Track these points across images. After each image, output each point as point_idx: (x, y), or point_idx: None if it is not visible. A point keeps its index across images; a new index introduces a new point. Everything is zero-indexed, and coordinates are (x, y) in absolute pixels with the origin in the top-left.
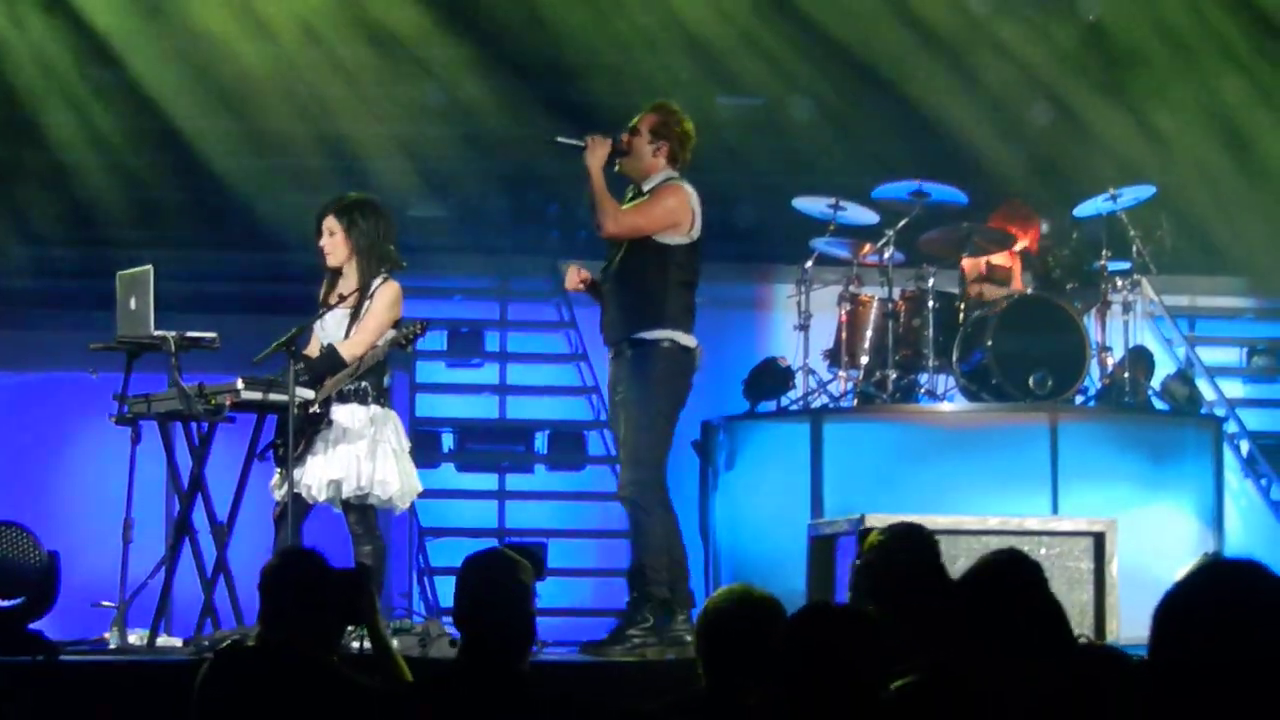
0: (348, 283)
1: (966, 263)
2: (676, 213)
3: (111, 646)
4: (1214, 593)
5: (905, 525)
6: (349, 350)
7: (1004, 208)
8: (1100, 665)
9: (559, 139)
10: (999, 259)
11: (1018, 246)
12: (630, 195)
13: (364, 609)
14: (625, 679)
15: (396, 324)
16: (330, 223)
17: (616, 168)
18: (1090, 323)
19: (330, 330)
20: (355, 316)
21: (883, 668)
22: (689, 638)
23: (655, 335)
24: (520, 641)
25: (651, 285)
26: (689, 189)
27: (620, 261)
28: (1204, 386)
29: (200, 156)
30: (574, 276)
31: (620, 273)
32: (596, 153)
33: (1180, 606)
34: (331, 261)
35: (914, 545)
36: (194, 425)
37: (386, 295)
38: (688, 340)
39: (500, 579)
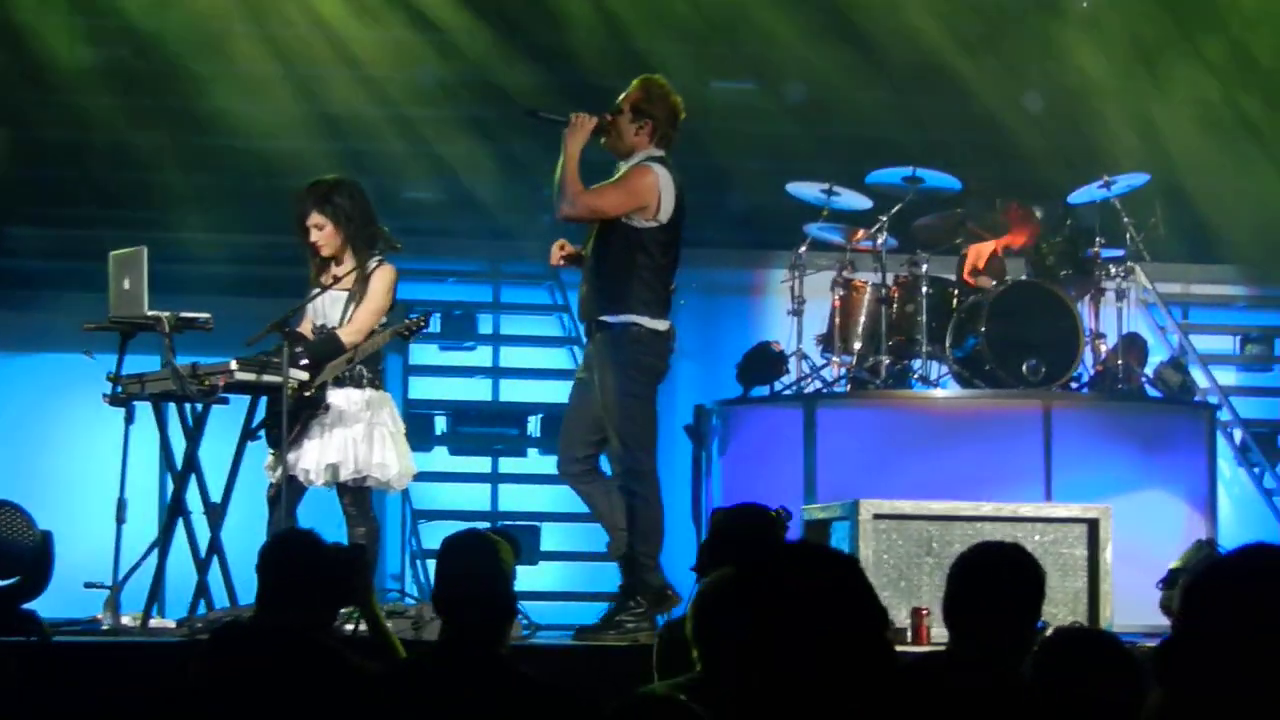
0: (342, 265)
1: (972, 250)
2: (641, 195)
3: (105, 627)
4: (1248, 570)
5: (748, 506)
6: (349, 336)
7: (1012, 206)
8: (1084, 647)
9: (540, 113)
10: (999, 250)
11: (1009, 242)
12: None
13: (358, 588)
14: (619, 664)
15: (392, 307)
16: (316, 218)
17: (602, 143)
18: (1084, 310)
19: (325, 312)
20: (351, 299)
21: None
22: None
23: (619, 319)
24: (499, 624)
25: (617, 268)
26: (659, 171)
27: (593, 242)
28: (1197, 374)
29: (194, 137)
30: (556, 251)
31: (592, 253)
32: (578, 132)
33: (1211, 583)
34: (326, 253)
35: (753, 525)
36: (188, 406)
37: (384, 279)
38: (655, 324)
39: (477, 560)
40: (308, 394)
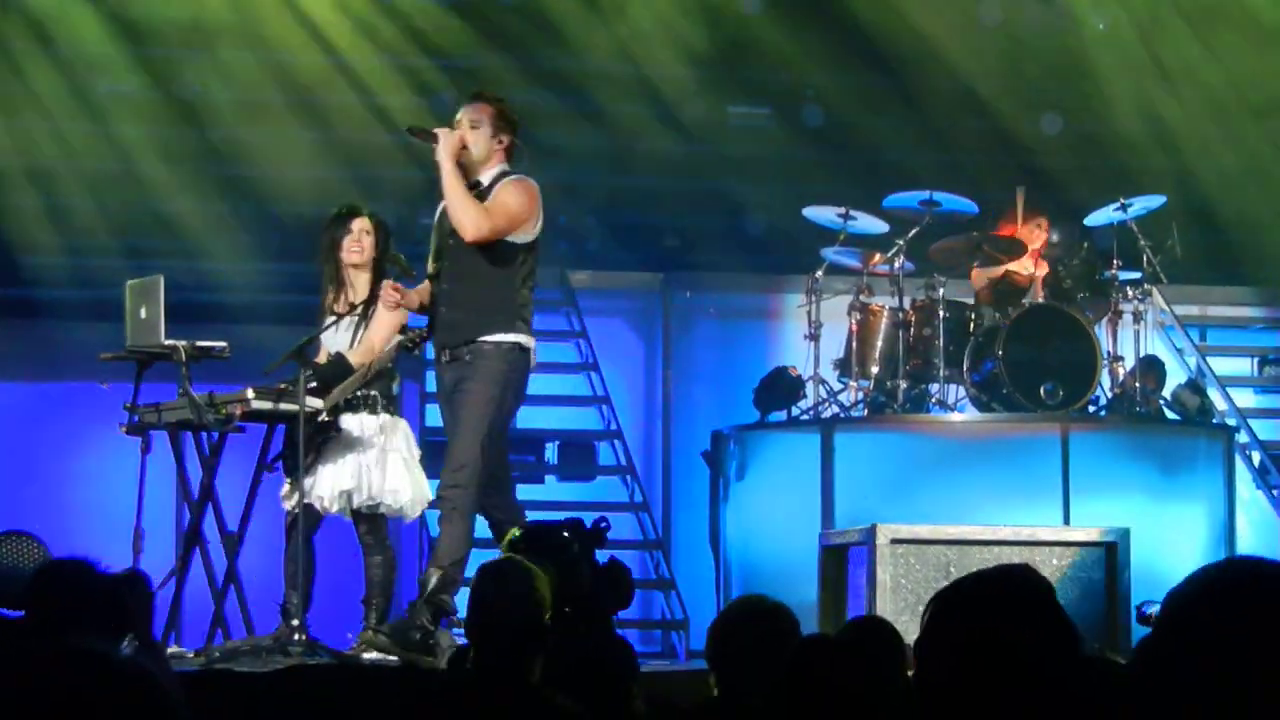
0: (357, 292)
1: (975, 273)
2: (531, 209)
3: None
4: (1221, 590)
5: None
6: (357, 357)
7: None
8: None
9: (415, 130)
10: (1013, 268)
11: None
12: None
13: (133, 614)
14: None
15: (402, 329)
16: (365, 223)
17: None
18: (1101, 332)
19: (339, 339)
20: (362, 322)
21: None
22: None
23: (504, 338)
24: (530, 654)
25: (500, 286)
26: (536, 185)
27: (463, 260)
28: (1215, 396)
29: (212, 164)
30: (392, 297)
31: (463, 272)
32: (448, 145)
33: (1183, 604)
34: (357, 260)
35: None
36: (204, 435)
37: None
38: (529, 342)
39: (512, 588)
40: (321, 418)
